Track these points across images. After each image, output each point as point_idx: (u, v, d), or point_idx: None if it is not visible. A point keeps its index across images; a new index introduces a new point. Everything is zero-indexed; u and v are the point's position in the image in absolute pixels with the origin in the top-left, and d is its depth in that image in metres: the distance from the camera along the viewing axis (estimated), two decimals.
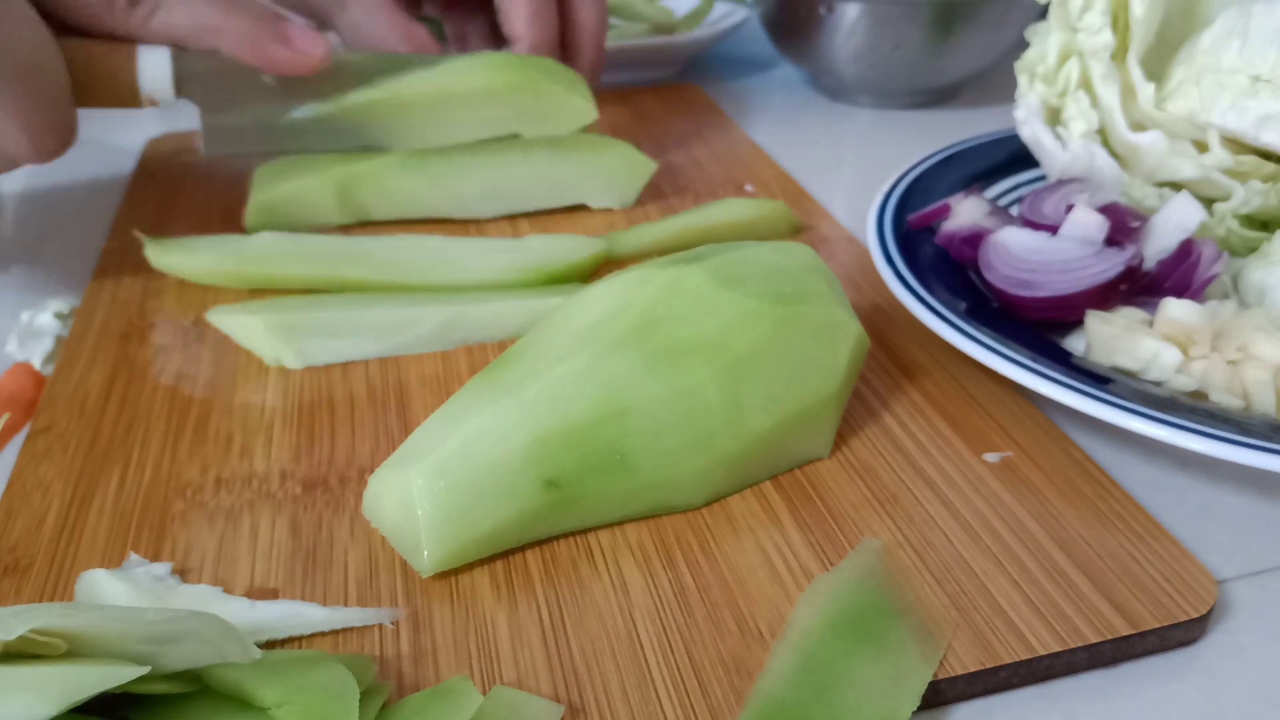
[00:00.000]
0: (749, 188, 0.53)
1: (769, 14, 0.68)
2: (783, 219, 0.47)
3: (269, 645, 0.26)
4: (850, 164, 0.60)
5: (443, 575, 0.29)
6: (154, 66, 0.45)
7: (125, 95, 0.45)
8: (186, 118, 0.66)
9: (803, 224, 0.49)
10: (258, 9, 0.45)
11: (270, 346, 0.38)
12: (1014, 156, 0.50)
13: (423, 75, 0.48)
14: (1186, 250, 0.39)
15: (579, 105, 0.49)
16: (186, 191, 0.54)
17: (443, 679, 0.26)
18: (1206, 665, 0.27)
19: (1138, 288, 0.38)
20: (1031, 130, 0.46)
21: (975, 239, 0.40)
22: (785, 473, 0.32)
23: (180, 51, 0.45)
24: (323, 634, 0.27)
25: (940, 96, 0.69)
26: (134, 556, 0.30)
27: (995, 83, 0.68)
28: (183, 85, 0.46)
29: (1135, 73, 0.44)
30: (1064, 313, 0.37)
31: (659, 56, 0.70)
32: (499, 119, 0.48)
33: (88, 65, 0.43)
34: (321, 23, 0.54)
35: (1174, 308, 0.35)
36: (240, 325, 0.38)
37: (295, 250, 0.42)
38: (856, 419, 0.35)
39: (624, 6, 0.72)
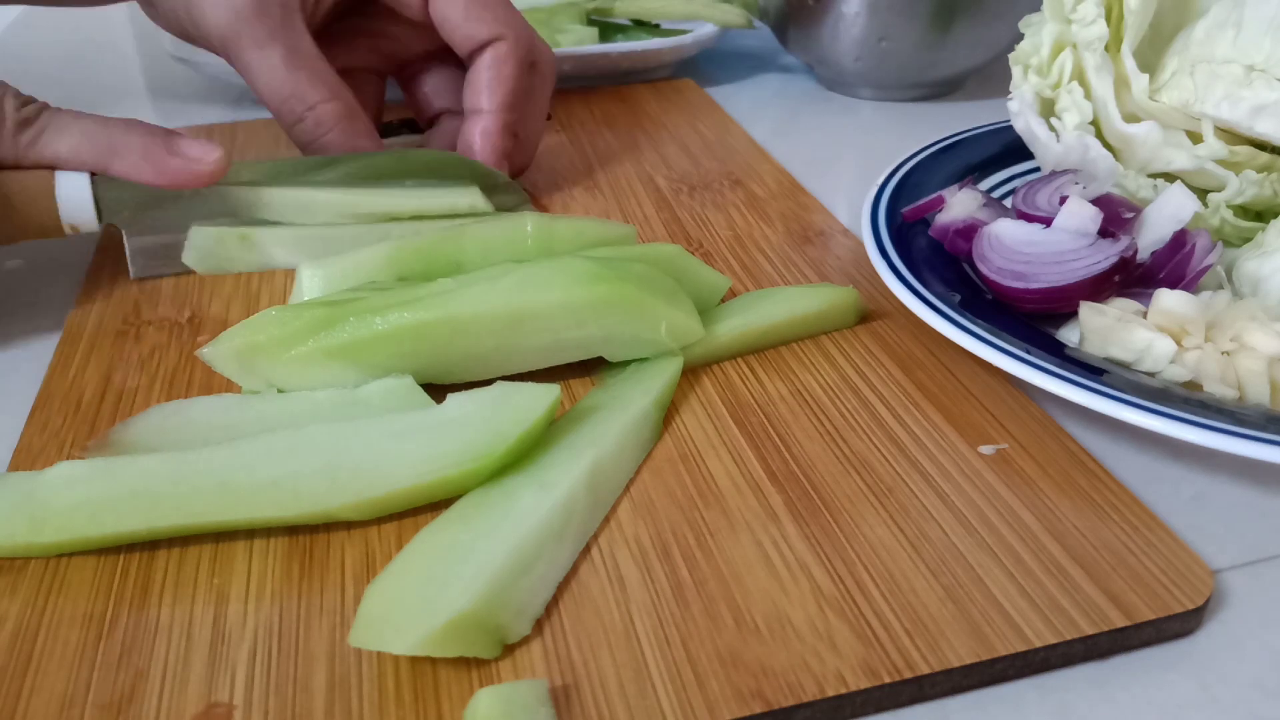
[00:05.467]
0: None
1: (770, 4, 0.68)
2: (850, 307, 0.40)
3: None
4: (849, 157, 0.60)
5: None
6: (73, 194, 0.41)
7: (46, 226, 0.42)
8: (187, 116, 0.66)
9: (868, 309, 0.41)
10: (147, 126, 0.42)
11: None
12: (1008, 148, 0.50)
13: (481, 289, 0.35)
14: (1180, 241, 0.39)
15: (683, 324, 0.37)
16: None
17: (438, 672, 0.26)
18: (1202, 656, 0.27)
19: (1131, 279, 0.38)
20: (1025, 122, 0.46)
21: (969, 231, 0.40)
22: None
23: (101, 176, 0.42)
24: None
25: (942, 89, 0.68)
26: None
27: (999, 75, 0.67)
28: (105, 210, 0.42)
29: (1129, 64, 0.43)
30: (1058, 304, 0.38)
31: (657, 59, 0.69)
32: (581, 343, 0.36)
33: (4, 200, 0.40)
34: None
35: (1168, 299, 0.35)
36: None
37: (103, 496, 0.30)
38: (851, 412, 0.35)
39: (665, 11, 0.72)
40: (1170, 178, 0.43)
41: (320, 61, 0.47)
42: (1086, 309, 0.36)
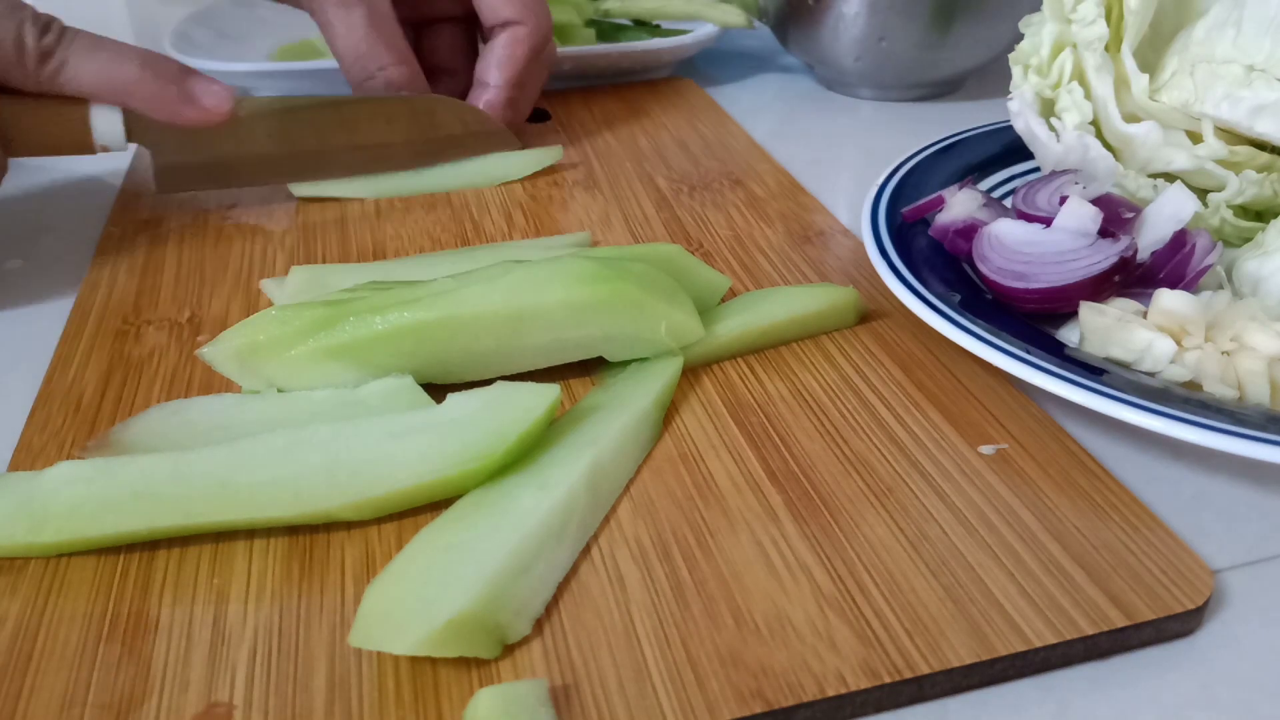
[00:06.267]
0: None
1: (770, 4, 0.68)
2: (850, 307, 0.40)
3: None
4: (848, 157, 0.60)
5: None
6: (106, 116, 0.46)
7: (78, 145, 0.46)
8: None
9: (868, 309, 0.41)
10: (165, 66, 0.45)
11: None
12: (1008, 148, 0.50)
13: (481, 289, 0.35)
14: (1180, 241, 0.39)
15: (683, 324, 0.37)
16: None
17: (438, 672, 0.26)
18: (1202, 655, 0.27)
19: (1131, 279, 0.38)
20: (1025, 122, 0.46)
21: (969, 231, 0.40)
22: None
23: None
24: None
25: (942, 89, 0.68)
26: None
27: (999, 75, 0.67)
28: (133, 131, 0.47)
29: (1129, 64, 0.43)
30: (1058, 304, 0.38)
31: (657, 59, 0.69)
32: (581, 343, 0.36)
33: (40, 119, 0.45)
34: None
35: (1168, 299, 0.35)
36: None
37: (103, 496, 0.30)
38: (851, 412, 0.35)
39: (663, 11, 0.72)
40: (1170, 178, 0.43)
41: (395, 25, 0.52)
42: (1086, 309, 0.36)
